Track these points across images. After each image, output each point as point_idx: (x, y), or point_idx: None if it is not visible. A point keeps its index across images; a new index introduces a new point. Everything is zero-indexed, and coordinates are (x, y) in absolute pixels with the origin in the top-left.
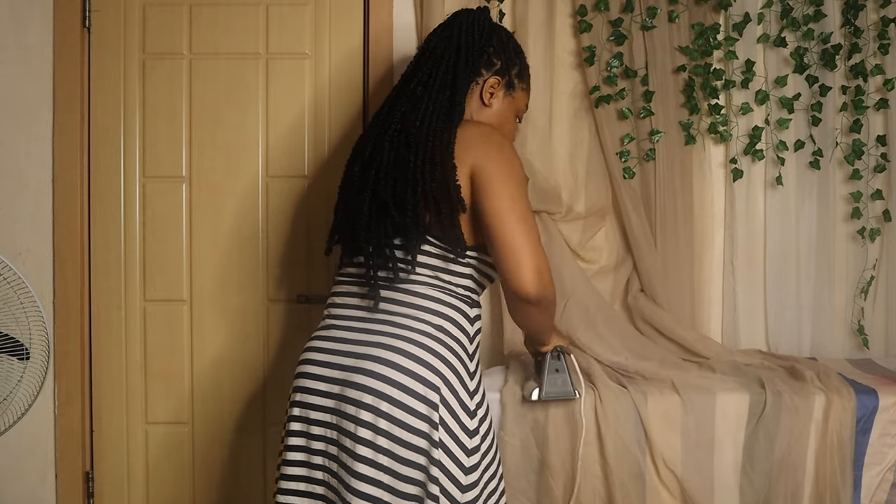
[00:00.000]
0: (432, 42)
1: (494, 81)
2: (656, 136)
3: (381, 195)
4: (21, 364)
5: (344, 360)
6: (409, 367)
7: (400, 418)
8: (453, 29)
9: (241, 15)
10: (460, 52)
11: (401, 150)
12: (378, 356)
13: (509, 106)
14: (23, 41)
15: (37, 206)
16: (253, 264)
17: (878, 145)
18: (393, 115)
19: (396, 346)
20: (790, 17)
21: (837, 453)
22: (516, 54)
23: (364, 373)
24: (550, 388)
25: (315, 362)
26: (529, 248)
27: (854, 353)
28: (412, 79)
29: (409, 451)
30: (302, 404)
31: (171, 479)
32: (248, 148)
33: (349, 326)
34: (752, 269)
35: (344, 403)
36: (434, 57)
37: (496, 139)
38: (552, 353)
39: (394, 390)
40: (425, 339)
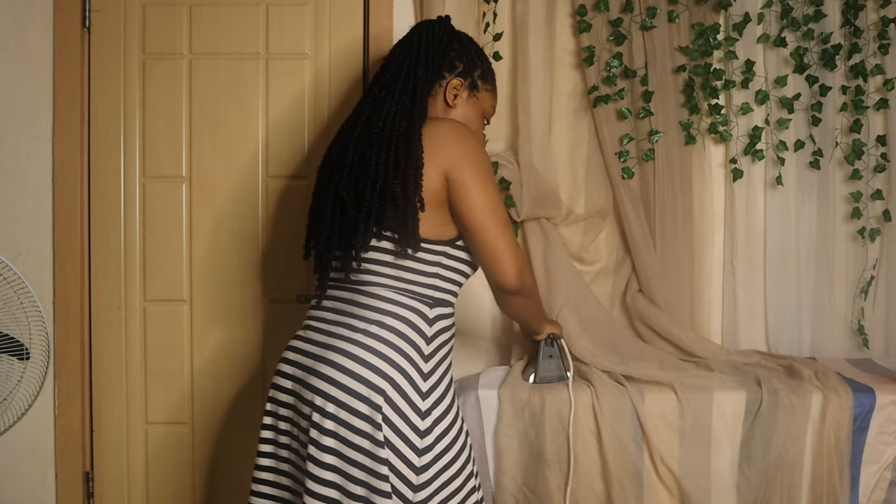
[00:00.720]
0: (395, 51)
1: (457, 83)
2: (655, 137)
3: (343, 195)
4: (21, 364)
5: (304, 360)
6: (352, 369)
7: (344, 419)
8: (414, 36)
9: (241, 15)
10: (420, 55)
11: (364, 150)
12: (328, 358)
13: (474, 107)
14: (23, 41)
15: (37, 206)
16: (253, 264)
17: (878, 145)
18: (358, 118)
19: (344, 349)
20: (790, 17)
21: (835, 452)
22: (478, 57)
23: (315, 374)
24: (544, 372)
25: (286, 361)
26: (507, 246)
27: (854, 353)
28: (375, 85)
29: (353, 451)
30: (272, 400)
31: (170, 479)
32: (248, 148)
33: (317, 328)
34: (752, 269)
35: (300, 403)
36: (396, 63)
37: (465, 137)
38: (546, 340)
39: (339, 392)
40: (372, 341)
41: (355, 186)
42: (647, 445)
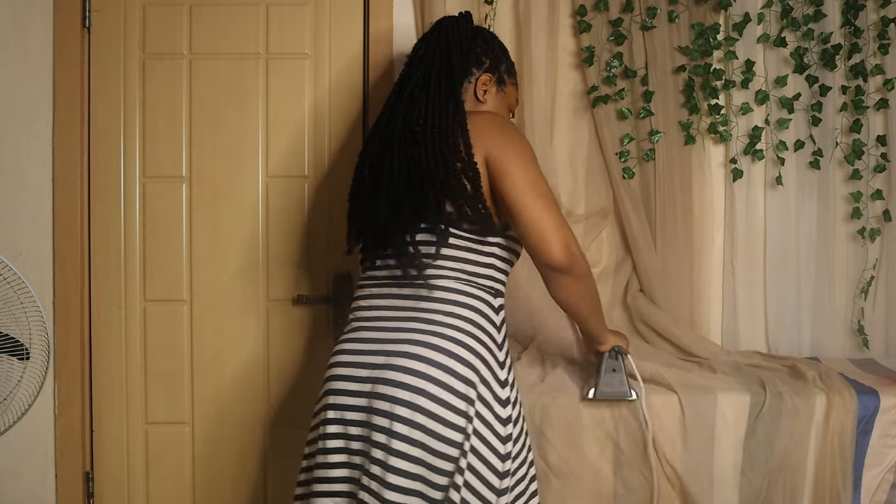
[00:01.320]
0: (420, 48)
1: (486, 78)
2: (656, 137)
3: (395, 194)
4: (21, 364)
5: (374, 359)
6: (444, 363)
7: (438, 413)
8: (440, 33)
9: (241, 15)
10: (451, 53)
11: (410, 149)
12: (411, 352)
13: (502, 101)
14: (23, 41)
15: (37, 206)
16: (253, 264)
17: (878, 145)
18: (394, 118)
19: (429, 342)
20: (790, 17)
21: (838, 455)
22: (502, 52)
23: (397, 369)
24: (605, 387)
25: (345, 364)
26: (553, 220)
27: (854, 353)
28: (407, 84)
29: (444, 445)
30: (336, 406)
31: (171, 479)
32: (248, 148)
33: (377, 326)
34: (752, 269)
35: (376, 400)
36: (425, 61)
37: (502, 123)
38: (610, 352)
39: (431, 385)
40: (457, 334)
41: (407, 184)
42: (653, 446)
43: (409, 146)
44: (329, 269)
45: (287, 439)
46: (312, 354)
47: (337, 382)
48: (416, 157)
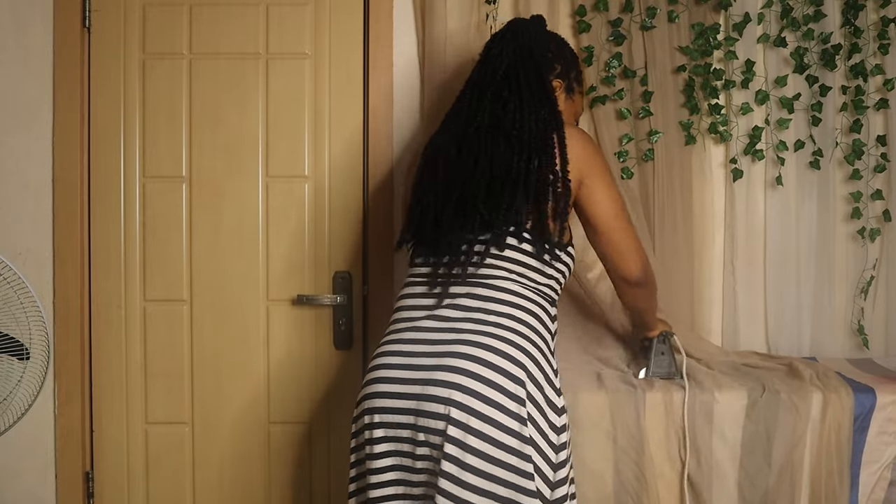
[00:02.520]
0: (495, 48)
1: (557, 84)
2: (655, 137)
3: (474, 192)
4: (21, 364)
5: (424, 361)
6: (495, 363)
7: (492, 416)
8: (514, 34)
9: (241, 15)
10: (533, 52)
11: (499, 149)
12: (464, 353)
13: (569, 108)
14: (23, 41)
15: (37, 206)
16: (253, 264)
17: (878, 145)
18: (478, 117)
19: (482, 342)
20: (790, 17)
21: (835, 452)
22: (573, 58)
23: (449, 370)
24: (656, 368)
25: (393, 366)
26: (633, 242)
27: (854, 352)
28: (489, 83)
29: (499, 451)
30: (384, 409)
31: (171, 479)
32: (248, 148)
33: (428, 327)
34: (752, 269)
35: (426, 402)
36: (505, 60)
37: (592, 144)
38: (659, 337)
39: (483, 386)
40: (511, 335)
41: (489, 185)
42: (649, 444)
43: (501, 146)
44: (329, 269)
45: (287, 439)
46: (313, 354)
47: (383, 385)
48: (508, 158)
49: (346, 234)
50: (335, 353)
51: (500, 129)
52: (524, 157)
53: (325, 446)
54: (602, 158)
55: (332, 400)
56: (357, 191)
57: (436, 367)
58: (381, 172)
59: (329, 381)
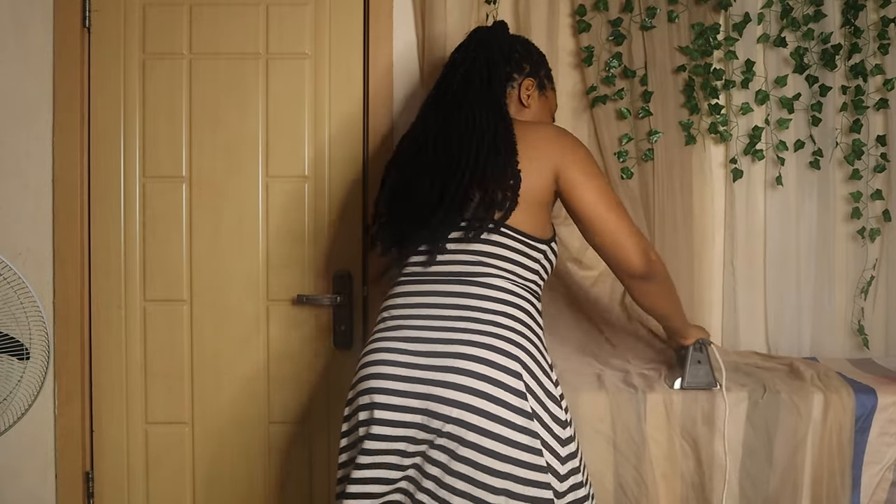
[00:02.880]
0: (459, 56)
1: (529, 83)
2: (654, 137)
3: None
4: (21, 364)
5: (429, 361)
6: (495, 360)
7: (500, 415)
8: (478, 42)
9: (241, 15)
10: (490, 58)
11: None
12: (466, 353)
13: (544, 105)
14: (23, 41)
15: (37, 206)
16: (253, 264)
17: (878, 145)
18: (436, 117)
19: (482, 342)
20: (790, 17)
21: (836, 453)
22: (540, 57)
23: (454, 371)
24: (692, 378)
25: (391, 363)
26: (628, 229)
27: (854, 353)
28: (448, 90)
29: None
30: (387, 406)
31: (171, 479)
32: (248, 148)
33: (422, 325)
34: (752, 269)
35: (433, 403)
36: (465, 65)
37: (565, 134)
38: (695, 345)
39: (488, 386)
40: (506, 332)
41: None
42: (650, 445)
43: (454, 146)
44: (329, 269)
45: (287, 439)
46: (313, 354)
47: (383, 381)
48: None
49: (346, 234)
50: (335, 353)
51: (453, 131)
52: (483, 149)
53: (325, 446)
54: (582, 149)
55: (332, 400)
56: (357, 191)
57: (441, 369)
58: (380, 172)
59: (329, 381)
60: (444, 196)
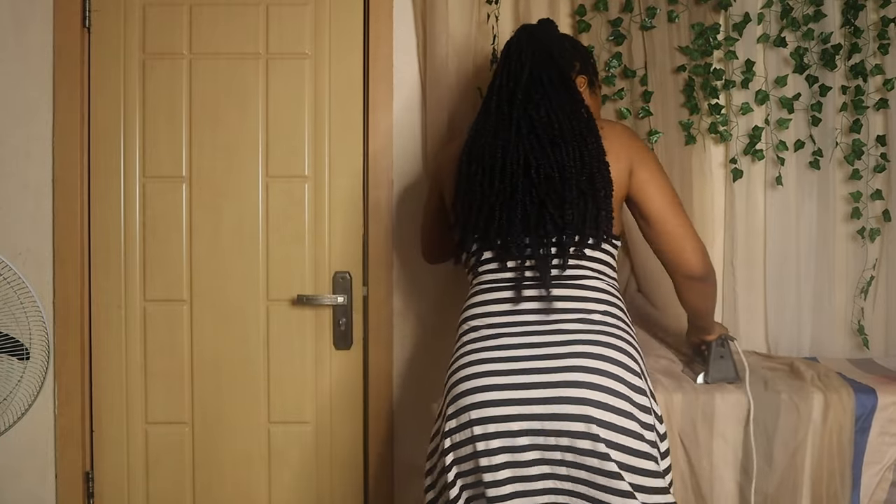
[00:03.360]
0: (515, 53)
1: (581, 80)
2: (654, 137)
3: (540, 195)
4: (21, 364)
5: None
6: (614, 372)
7: (627, 426)
8: (530, 37)
9: (241, 15)
10: (553, 55)
11: (545, 150)
12: (585, 366)
13: (594, 103)
14: (23, 41)
15: (37, 206)
16: (253, 264)
17: (878, 145)
18: (513, 121)
19: (596, 353)
20: (790, 17)
21: (836, 453)
22: (588, 54)
23: (575, 385)
24: (716, 373)
25: (500, 372)
26: (691, 233)
27: (854, 352)
28: (514, 87)
29: (638, 459)
30: (495, 419)
31: (171, 479)
32: (248, 148)
33: (521, 331)
34: (752, 269)
35: (556, 421)
36: (529, 64)
37: (635, 134)
38: (717, 341)
39: (612, 398)
40: (613, 339)
41: (548, 186)
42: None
43: (547, 148)
44: (329, 269)
45: (287, 439)
46: (313, 355)
47: (492, 393)
48: (559, 159)
49: (346, 234)
50: (335, 353)
51: (539, 132)
52: (573, 155)
53: (326, 446)
54: (650, 152)
55: (331, 400)
56: (357, 191)
57: (560, 384)
58: (381, 172)
59: (329, 381)
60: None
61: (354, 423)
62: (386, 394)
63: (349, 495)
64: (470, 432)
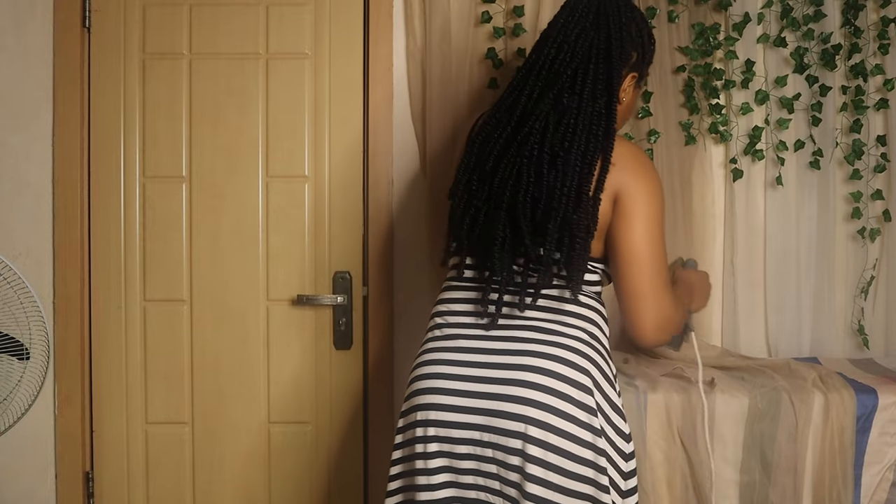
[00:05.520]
0: (571, 30)
1: (630, 79)
2: (654, 137)
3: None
4: (21, 364)
5: (492, 373)
6: (564, 374)
7: (569, 430)
8: (598, 15)
9: (241, 15)
10: (612, 51)
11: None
12: (534, 366)
13: (633, 98)
14: (23, 41)
15: (37, 206)
16: (253, 264)
17: (878, 145)
18: (529, 121)
19: (550, 353)
20: (790, 17)
21: (838, 454)
22: (650, 41)
23: (521, 384)
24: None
25: (451, 376)
26: (654, 296)
27: (854, 353)
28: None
29: (578, 465)
30: (442, 423)
31: (171, 479)
32: (248, 148)
33: (481, 335)
34: (752, 269)
35: (498, 419)
36: (580, 53)
37: (646, 165)
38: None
39: (556, 400)
40: (575, 343)
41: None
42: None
43: (545, 165)
44: (329, 269)
45: (287, 439)
46: (313, 355)
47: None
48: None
49: (346, 234)
50: (335, 353)
51: (548, 142)
52: (569, 185)
53: (326, 446)
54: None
55: (332, 400)
56: (357, 191)
57: (506, 382)
58: (381, 172)
59: (329, 382)
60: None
61: (354, 423)
62: (386, 394)
63: (349, 495)
64: (414, 434)
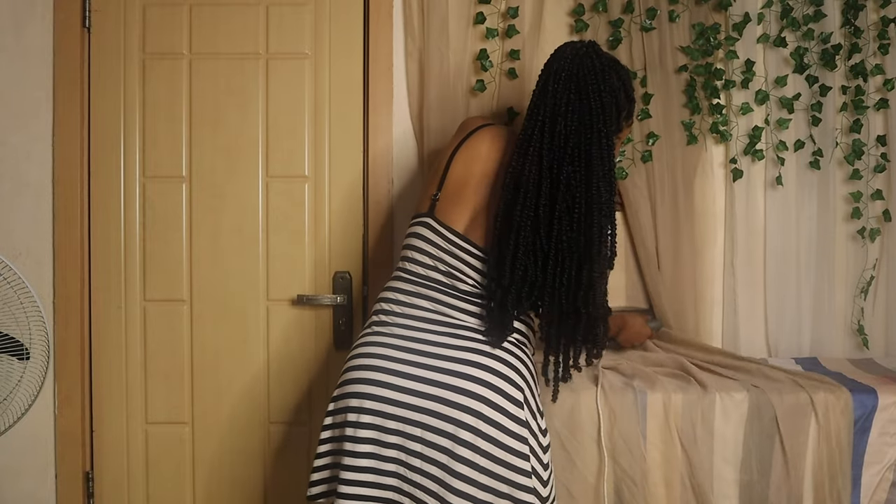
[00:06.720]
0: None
1: (622, 135)
2: (651, 140)
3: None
4: (21, 364)
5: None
6: (501, 371)
7: (500, 422)
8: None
9: (241, 15)
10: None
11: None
12: (471, 360)
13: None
14: (23, 41)
15: (37, 206)
16: (253, 264)
17: (878, 145)
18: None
19: (487, 351)
20: (790, 17)
21: (837, 454)
22: (631, 89)
23: (458, 375)
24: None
25: (384, 370)
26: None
27: (854, 352)
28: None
29: (508, 454)
30: (374, 412)
31: (171, 479)
32: (248, 148)
33: (417, 327)
34: (752, 269)
35: (434, 402)
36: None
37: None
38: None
39: (492, 393)
40: (509, 345)
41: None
42: (650, 446)
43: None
44: (329, 269)
45: (287, 439)
46: (313, 354)
47: (372, 387)
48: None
49: (346, 234)
50: (335, 353)
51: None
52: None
53: None
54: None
55: None
56: (357, 191)
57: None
58: (381, 172)
59: (329, 382)
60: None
61: None
62: None
63: None
64: (343, 419)
